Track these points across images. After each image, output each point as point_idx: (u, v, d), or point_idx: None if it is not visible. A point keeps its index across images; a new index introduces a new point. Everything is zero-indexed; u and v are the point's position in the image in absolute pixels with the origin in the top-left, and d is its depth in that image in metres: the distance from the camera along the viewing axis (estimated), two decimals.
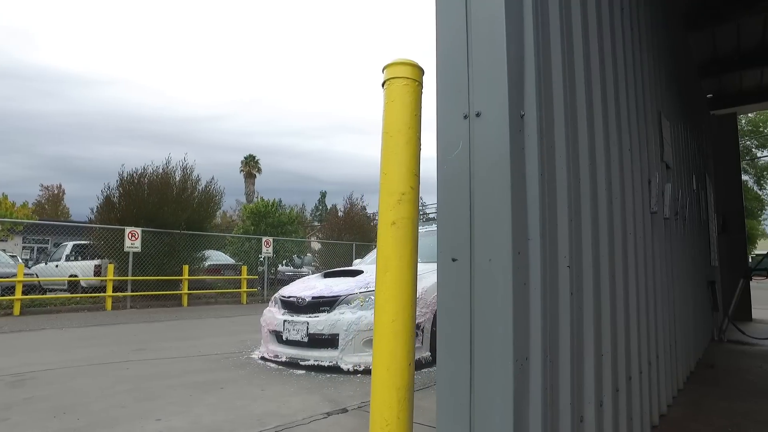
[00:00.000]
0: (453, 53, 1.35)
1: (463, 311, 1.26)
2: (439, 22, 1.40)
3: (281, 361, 4.48)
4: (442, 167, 1.35)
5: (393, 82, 1.04)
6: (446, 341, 1.27)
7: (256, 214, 14.43)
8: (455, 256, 1.29)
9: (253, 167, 49.63)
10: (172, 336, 6.25)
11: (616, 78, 2.25)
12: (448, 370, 1.26)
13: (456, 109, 1.34)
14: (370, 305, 4.32)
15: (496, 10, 1.27)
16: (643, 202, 2.60)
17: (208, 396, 3.26)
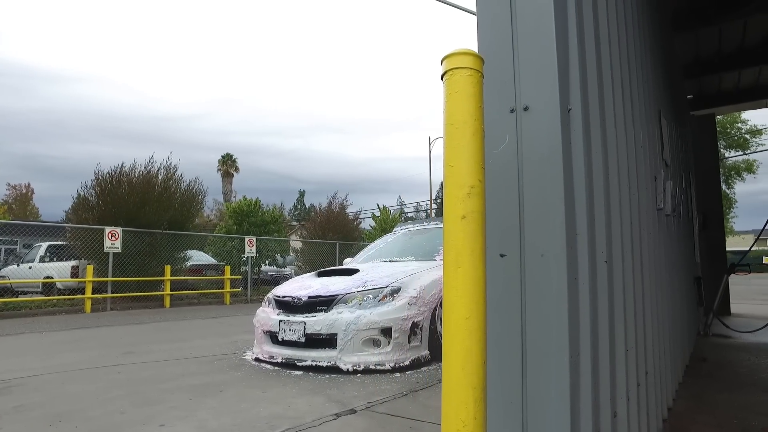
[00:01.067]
0: (497, 46, 1.34)
1: (514, 307, 1.24)
2: (481, 15, 1.38)
3: (277, 362, 4.41)
4: (488, 162, 1.32)
5: (456, 73, 1.01)
6: (496, 338, 1.25)
7: (238, 213, 14.20)
8: (504, 251, 1.27)
9: (230, 166, 49.00)
10: (159, 338, 6.09)
11: (630, 76, 2.27)
12: (497, 368, 1.25)
13: (501, 103, 1.32)
14: (369, 304, 4.29)
15: (545, 1, 1.25)
16: (649, 200, 2.63)
17: (208, 399, 3.18)
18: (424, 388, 3.44)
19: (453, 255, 0.94)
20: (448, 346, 0.92)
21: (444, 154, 1.01)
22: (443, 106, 1.05)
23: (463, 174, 0.97)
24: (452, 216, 0.96)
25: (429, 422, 2.61)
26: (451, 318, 0.92)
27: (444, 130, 1.02)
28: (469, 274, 0.92)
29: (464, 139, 0.98)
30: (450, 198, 0.97)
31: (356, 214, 18.60)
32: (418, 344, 4.29)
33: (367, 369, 4.02)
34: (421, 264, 5.18)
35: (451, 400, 0.89)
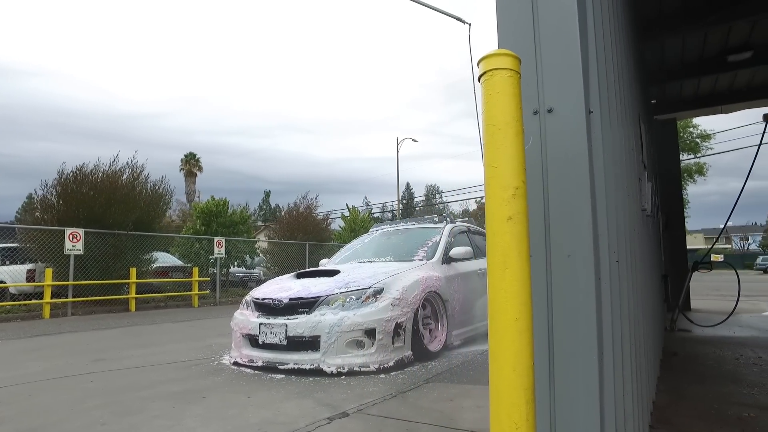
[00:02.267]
0: (519, 48, 1.34)
1: (540, 309, 1.25)
2: (501, 17, 1.38)
3: (257, 365, 4.32)
4: None
5: (496, 73, 1.00)
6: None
7: (206, 213, 13.82)
8: (530, 252, 1.28)
9: (193, 166, 47.79)
10: (130, 343, 5.85)
11: (620, 78, 2.34)
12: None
13: (524, 105, 1.32)
14: (352, 306, 4.25)
15: (569, 2, 1.27)
16: (636, 200, 2.72)
17: (192, 407, 3.07)
18: (412, 388, 3.44)
19: (500, 257, 0.94)
20: (496, 349, 0.91)
21: (485, 155, 1.01)
22: (482, 107, 1.04)
23: (507, 175, 0.96)
24: (497, 217, 0.96)
25: (425, 423, 2.60)
26: (499, 320, 0.92)
27: (485, 131, 1.02)
28: (516, 276, 0.92)
29: (507, 140, 0.98)
30: (494, 199, 0.97)
31: (326, 215, 18.47)
32: (402, 345, 4.29)
33: (352, 371, 3.98)
34: (402, 264, 5.19)
35: (502, 402, 0.89)
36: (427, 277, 4.86)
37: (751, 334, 5.67)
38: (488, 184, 0.99)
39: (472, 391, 3.30)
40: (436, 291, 4.91)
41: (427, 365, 4.26)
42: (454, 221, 6.60)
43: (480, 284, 5.93)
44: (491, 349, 0.93)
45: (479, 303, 5.78)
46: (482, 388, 3.36)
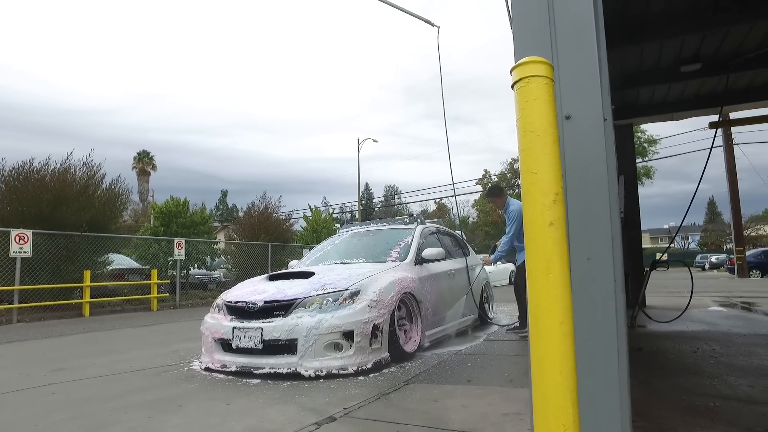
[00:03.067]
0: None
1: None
2: (517, 25, 1.41)
3: (230, 371, 4.20)
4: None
5: (532, 80, 1.02)
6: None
7: (165, 213, 13.30)
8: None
9: (147, 164, 46.05)
10: (89, 351, 5.55)
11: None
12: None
13: None
14: (329, 308, 4.21)
15: (586, 12, 1.30)
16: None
17: (171, 416, 2.95)
18: (394, 390, 3.43)
19: (543, 261, 0.95)
20: (541, 352, 0.92)
21: (523, 161, 1.02)
22: (518, 114, 1.05)
23: (547, 181, 0.98)
24: (539, 223, 0.97)
25: (415, 425, 2.61)
26: (543, 323, 0.93)
27: (522, 138, 1.03)
28: (559, 281, 0.94)
29: (546, 147, 0.99)
30: (535, 205, 0.98)
31: (288, 215, 18.20)
32: (379, 347, 4.28)
33: (330, 374, 3.94)
34: (376, 266, 5.18)
35: (548, 404, 0.90)
36: (402, 278, 4.88)
37: (702, 328, 6.02)
38: (528, 190, 1.00)
39: (454, 391, 3.33)
40: (411, 292, 4.93)
41: (404, 366, 4.27)
42: (424, 222, 6.66)
43: (450, 285, 6.01)
44: (535, 353, 0.94)
45: (449, 304, 5.85)
46: (464, 388, 3.40)
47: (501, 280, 16.58)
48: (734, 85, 7.62)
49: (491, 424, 2.56)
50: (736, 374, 3.64)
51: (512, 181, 43.52)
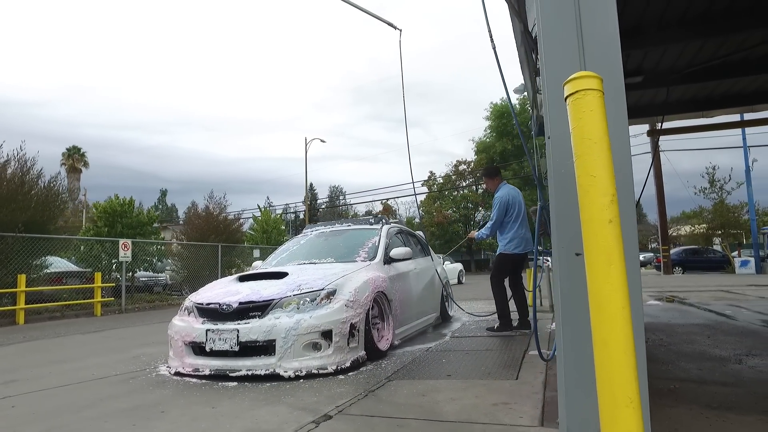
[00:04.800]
0: (565, 67, 1.50)
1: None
2: (546, 37, 1.53)
3: (204, 374, 4.10)
4: (559, 170, 1.48)
5: (588, 93, 1.13)
6: (571, 328, 1.41)
7: (110, 213, 12.54)
8: (579, 251, 1.43)
9: (78, 161, 43.29)
10: (39, 360, 5.20)
11: None
12: (573, 354, 1.40)
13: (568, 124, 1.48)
14: (307, 308, 4.21)
15: (612, 30, 1.44)
16: None
17: (156, 423, 2.86)
18: (379, 387, 3.50)
19: (604, 255, 1.06)
20: (606, 335, 1.03)
21: (580, 166, 1.13)
22: (573, 123, 1.16)
23: (605, 183, 1.10)
24: (599, 220, 1.08)
25: (411, 418, 2.69)
26: (607, 310, 1.04)
27: (578, 145, 1.14)
28: (619, 271, 1.06)
29: (603, 152, 1.11)
30: (595, 205, 1.09)
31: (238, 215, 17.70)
32: (356, 345, 4.33)
33: (310, 373, 3.95)
34: (348, 265, 5.22)
35: (614, 381, 1.01)
36: (375, 277, 4.95)
37: (647, 320, 6.53)
38: (587, 192, 1.11)
39: (438, 386, 3.44)
40: (383, 291, 5.02)
41: (380, 364, 4.35)
42: (388, 222, 6.76)
43: (416, 284, 6.15)
44: (598, 337, 1.05)
45: (416, 302, 5.99)
46: (447, 382, 3.53)
47: (450, 279, 17.01)
48: (670, 98, 8.30)
49: (484, 414, 2.69)
50: (685, 360, 4.02)
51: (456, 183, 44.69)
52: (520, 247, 5.68)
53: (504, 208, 5.72)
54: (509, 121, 39.46)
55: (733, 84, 8.01)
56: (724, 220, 27.72)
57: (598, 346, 1.06)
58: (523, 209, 5.85)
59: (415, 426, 2.56)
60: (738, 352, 4.24)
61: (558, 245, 1.46)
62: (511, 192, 5.83)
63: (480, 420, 2.59)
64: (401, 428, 2.54)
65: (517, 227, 5.68)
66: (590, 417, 1.37)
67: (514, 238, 5.67)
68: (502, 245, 5.79)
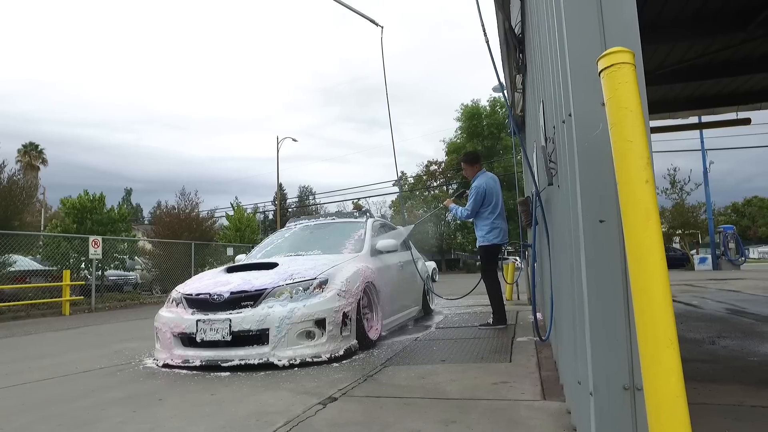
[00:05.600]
0: (587, 50, 1.59)
1: (614, 263, 1.50)
2: (570, 23, 1.62)
3: (194, 365, 4.05)
4: (583, 144, 1.57)
5: (623, 67, 1.22)
6: (597, 290, 1.50)
7: (79, 209, 12.07)
8: (602, 218, 1.53)
9: (35, 158, 41.54)
10: (15, 356, 5.00)
11: None
12: (600, 314, 1.50)
13: (594, 99, 1.58)
14: (300, 297, 4.22)
15: (630, 17, 1.54)
16: None
17: (157, 409, 2.82)
18: (376, 372, 3.54)
19: (643, 212, 1.15)
20: (645, 283, 1.12)
21: (616, 133, 1.22)
22: (610, 94, 1.25)
23: (641, 147, 1.18)
24: (637, 180, 1.17)
25: (417, 397, 2.75)
26: (646, 261, 1.12)
27: (614, 113, 1.23)
28: (656, 225, 1.14)
29: (638, 120, 1.20)
30: (632, 167, 1.18)
31: (211, 213, 17.37)
32: (348, 334, 4.37)
33: (304, 362, 3.96)
34: (336, 256, 5.24)
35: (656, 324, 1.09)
36: (364, 268, 4.99)
37: None
38: (623, 156, 1.20)
39: (434, 370, 3.51)
40: (372, 282, 5.06)
41: (372, 353, 4.39)
42: (373, 216, 6.82)
43: (400, 276, 6.22)
44: (638, 286, 1.13)
45: (401, 294, 6.06)
46: (443, 367, 3.60)
47: None
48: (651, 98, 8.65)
49: (487, 392, 2.78)
50: None
51: (427, 183, 45.09)
52: (499, 238, 5.61)
53: (481, 198, 5.60)
54: (479, 122, 40.13)
55: (697, 87, 8.43)
56: (684, 220, 28.97)
57: (638, 295, 1.14)
58: (501, 198, 5.77)
59: (422, 404, 2.62)
60: (710, 335, 4.49)
61: (583, 214, 1.54)
62: (489, 182, 5.69)
63: (484, 397, 2.68)
64: (408, 406, 2.60)
65: (495, 217, 5.60)
66: (617, 372, 1.46)
67: (494, 228, 5.59)
68: (482, 236, 5.68)
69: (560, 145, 1.97)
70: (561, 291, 2.54)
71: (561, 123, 1.81)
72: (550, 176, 2.66)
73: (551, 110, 2.41)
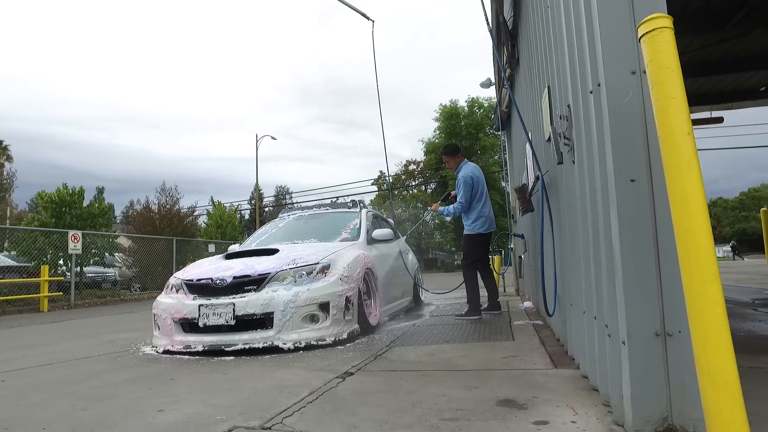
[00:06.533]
0: (618, 21, 1.70)
1: (645, 221, 1.61)
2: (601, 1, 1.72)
3: (197, 350, 4.03)
4: (614, 110, 1.68)
5: (664, 31, 1.32)
6: (630, 245, 1.61)
7: (57, 204, 11.71)
8: (633, 177, 1.64)
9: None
10: (4, 346, 4.86)
11: None
12: (633, 267, 1.60)
13: (624, 67, 1.69)
14: (304, 281, 4.24)
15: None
16: None
17: (173, 387, 2.81)
18: (384, 352, 3.60)
19: (686, 161, 1.25)
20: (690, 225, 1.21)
21: (658, 91, 1.32)
22: (652, 56, 1.35)
23: (682, 102, 1.29)
24: (679, 133, 1.27)
25: (433, 370, 2.83)
26: (690, 204, 1.22)
27: (656, 73, 1.33)
28: (698, 173, 1.25)
29: (678, 78, 1.31)
30: (675, 121, 1.28)
31: (192, 208, 17.11)
32: (351, 318, 4.41)
33: (309, 345, 3.99)
34: (336, 243, 5.28)
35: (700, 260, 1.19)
36: (364, 255, 5.05)
37: None
38: (666, 111, 1.30)
39: (442, 348, 3.60)
40: (371, 268, 5.12)
41: (373, 337, 4.45)
42: (366, 207, 6.88)
43: (394, 265, 6.29)
44: (682, 228, 1.23)
45: (395, 283, 6.14)
46: (449, 346, 3.69)
47: None
48: None
49: (499, 364, 2.88)
50: None
51: (406, 182, 45.37)
52: (485, 227, 5.57)
53: (470, 188, 5.55)
54: (458, 122, 40.60)
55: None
56: None
57: (682, 237, 1.24)
58: (485, 187, 5.72)
59: (439, 375, 2.70)
60: None
61: (615, 175, 1.65)
62: (474, 171, 5.67)
63: (498, 368, 2.77)
64: (426, 377, 2.67)
65: (481, 206, 5.56)
66: (649, 319, 1.57)
67: (480, 217, 5.54)
68: (469, 226, 5.63)
69: (583, 117, 2.08)
70: (571, 263, 2.66)
71: (588, 94, 1.91)
72: (560, 155, 2.78)
73: (564, 91, 2.52)
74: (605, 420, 1.77)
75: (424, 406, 2.07)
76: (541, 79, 3.68)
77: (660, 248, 1.59)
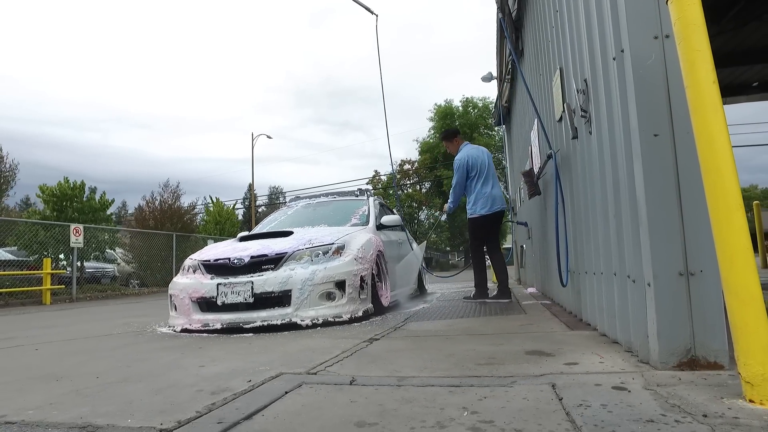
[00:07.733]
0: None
1: (668, 168, 1.76)
2: None
3: (215, 328, 4.13)
4: (638, 71, 1.83)
5: None
6: (655, 194, 1.76)
7: (59, 197, 11.71)
8: (656, 132, 1.78)
9: None
10: (24, 326, 4.93)
11: None
12: (657, 214, 1.75)
13: (646, 32, 1.83)
14: (320, 260, 4.36)
15: None
16: None
17: (204, 352, 2.92)
18: (402, 325, 3.72)
19: (711, 105, 1.40)
20: (717, 163, 1.36)
21: (686, 44, 1.47)
22: (679, 14, 1.50)
23: (707, 54, 1.44)
24: (705, 81, 1.42)
25: (457, 335, 2.96)
26: (716, 143, 1.37)
27: (684, 30, 1.48)
28: (723, 116, 1.40)
29: (703, 33, 1.46)
30: (701, 71, 1.43)
31: (192, 205, 17.13)
32: (365, 297, 4.54)
33: (326, 321, 4.10)
34: (347, 228, 5.40)
35: (727, 192, 1.34)
36: (375, 238, 5.18)
37: None
38: (693, 63, 1.45)
39: (458, 322, 3.72)
40: (382, 251, 5.25)
41: (387, 316, 4.57)
42: (373, 195, 7.01)
43: (400, 252, 6.43)
44: (711, 165, 1.37)
45: (401, 270, 6.27)
46: (465, 320, 3.82)
47: None
48: None
49: (519, 330, 3.01)
50: None
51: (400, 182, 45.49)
52: (486, 207, 5.29)
53: (464, 170, 5.36)
54: (452, 122, 40.84)
55: None
56: None
57: (709, 174, 1.39)
58: (489, 166, 5.43)
59: (463, 338, 2.83)
60: None
61: (640, 131, 1.79)
62: (471, 152, 5.46)
63: (519, 332, 2.91)
64: (450, 339, 2.81)
65: (480, 186, 5.31)
66: (673, 260, 1.71)
67: (479, 198, 5.31)
68: (469, 208, 5.46)
69: (603, 85, 2.22)
70: (585, 232, 2.80)
71: (610, 61, 2.06)
72: (574, 130, 2.92)
73: (581, 66, 2.67)
74: (630, 360, 1.92)
75: (457, 357, 2.21)
76: (551, 63, 3.83)
77: (682, 194, 1.74)
